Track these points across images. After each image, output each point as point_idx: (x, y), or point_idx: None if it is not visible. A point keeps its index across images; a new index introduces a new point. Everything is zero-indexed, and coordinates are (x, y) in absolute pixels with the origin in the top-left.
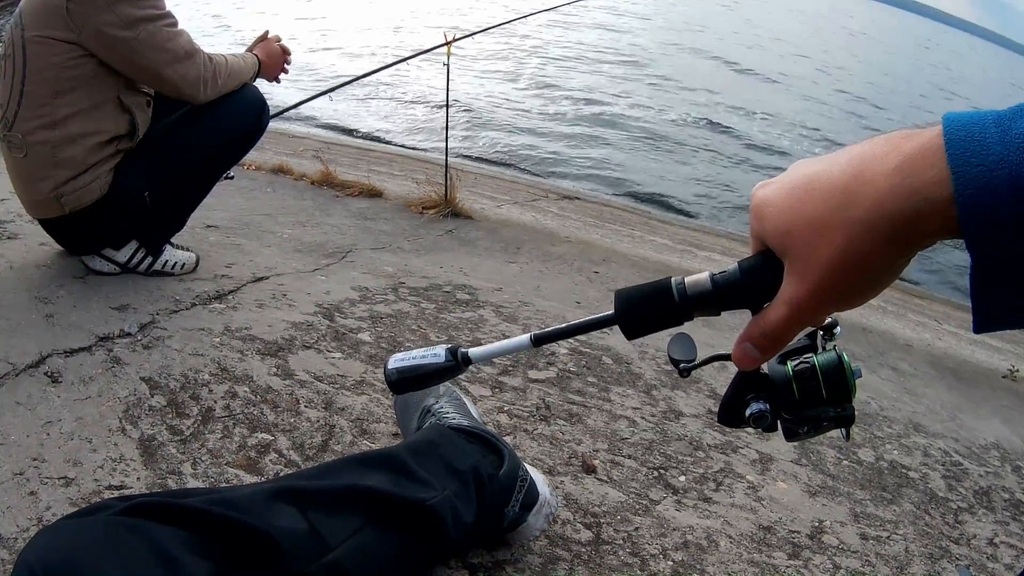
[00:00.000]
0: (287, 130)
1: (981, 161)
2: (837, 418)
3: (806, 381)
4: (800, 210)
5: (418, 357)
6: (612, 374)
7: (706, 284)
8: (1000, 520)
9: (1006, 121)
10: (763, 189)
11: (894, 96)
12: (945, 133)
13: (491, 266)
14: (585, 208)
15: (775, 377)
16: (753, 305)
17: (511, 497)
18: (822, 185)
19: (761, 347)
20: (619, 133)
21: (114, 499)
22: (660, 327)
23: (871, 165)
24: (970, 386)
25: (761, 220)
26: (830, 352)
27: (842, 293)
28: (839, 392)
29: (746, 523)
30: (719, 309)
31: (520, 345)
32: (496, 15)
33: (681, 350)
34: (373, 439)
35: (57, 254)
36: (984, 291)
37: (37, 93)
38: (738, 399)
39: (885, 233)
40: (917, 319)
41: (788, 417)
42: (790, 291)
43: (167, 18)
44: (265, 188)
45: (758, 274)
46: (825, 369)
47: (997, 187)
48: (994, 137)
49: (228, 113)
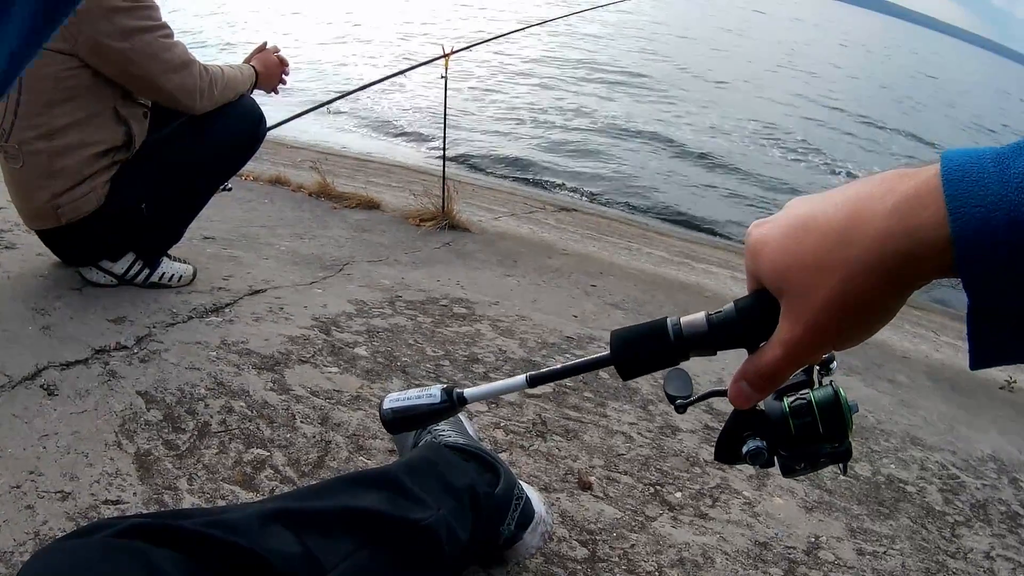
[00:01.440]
0: (284, 140)
1: (979, 201)
2: (834, 454)
3: (802, 418)
4: (796, 250)
5: (413, 397)
6: (609, 389)
7: (702, 324)
8: (997, 533)
9: (1005, 159)
10: (759, 228)
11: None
12: (943, 173)
13: (488, 279)
14: (582, 220)
15: (771, 414)
16: (749, 344)
17: (507, 515)
18: (818, 225)
19: (757, 386)
20: (617, 144)
21: (111, 519)
22: (656, 367)
23: (868, 205)
24: (967, 398)
25: (757, 259)
26: (826, 388)
27: (837, 333)
28: (836, 428)
29: (742, 539)
30: (715, 349)
31: (516, 386)
32: (499, 26)
33: (677, 386)
34: (369, 455)
35: (54, 265)
36: (981, 330)
37: (33, 103)
38: (734, 436)
39: (882, 273)
40: (914, 330)
41: (785, 454)
42: (786, 331)
43: (163, 29)
44: (263, 199)
45: (754, 314)
46: (821, 405)
47: (995, 228)
48: (993, 176)
49: (225, 124)
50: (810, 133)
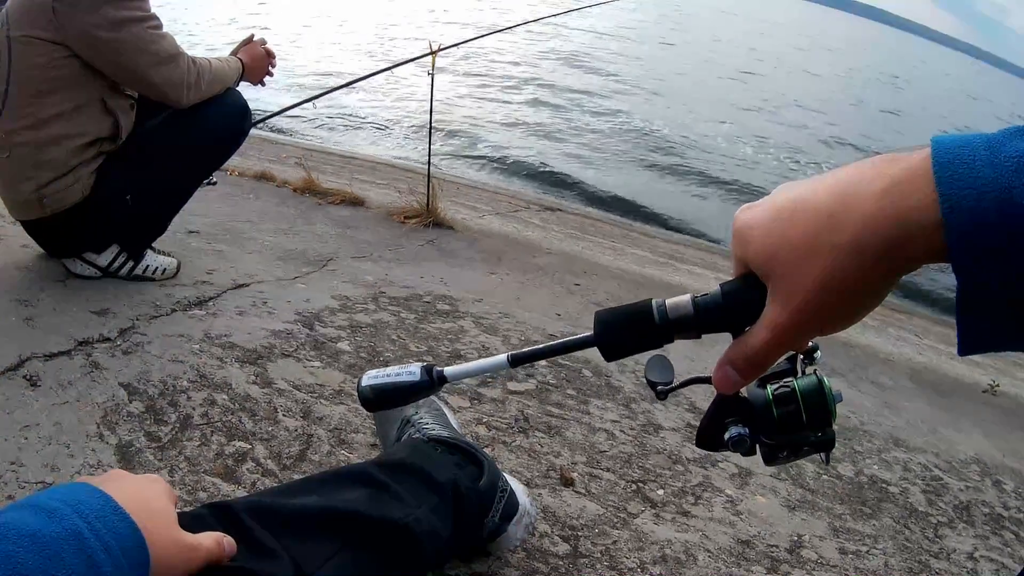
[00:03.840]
0: (270, 136)
1: (969, 184)
2: (817, 443)
3: (786, 406)
4: (785, 234)
5: (393, 375)
6: (591, 387)
7: (687, 307)
8: (980, 534)
9: (996, 144)
10: (746, 212)
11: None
12: (933, 156)
13: (472, 277)
14: (567, 220)
15: (754, 401)
16: (735, 329)
17: (491, 507)
18: (807, 208)
19: (742, 371)
20: (603, 145)
21: None
22: (639, 350)
23: (857, 189)
24: (951, 400)
25: (744, 243)
26: (810, 376)
27: (825, 317)
28: (819, 417)
29: (725, 537)
30: (700, 332)
31: (497, 365)
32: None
33: (659, 372)
34: (351, 449)
35: (38, 256)
36: (970, 315)
37: (21, 93)
38: (717, 423)
39: (871, 256)
40: (898, 333)
41: (767, 441)
42: (773, 316)
43: (151, 20)
44: (248, 194)
45: (740, 298)
46: (805, 393)
47: (985, 211)
48: (983, 160)
49: (211, 117)
50: (789, 137)
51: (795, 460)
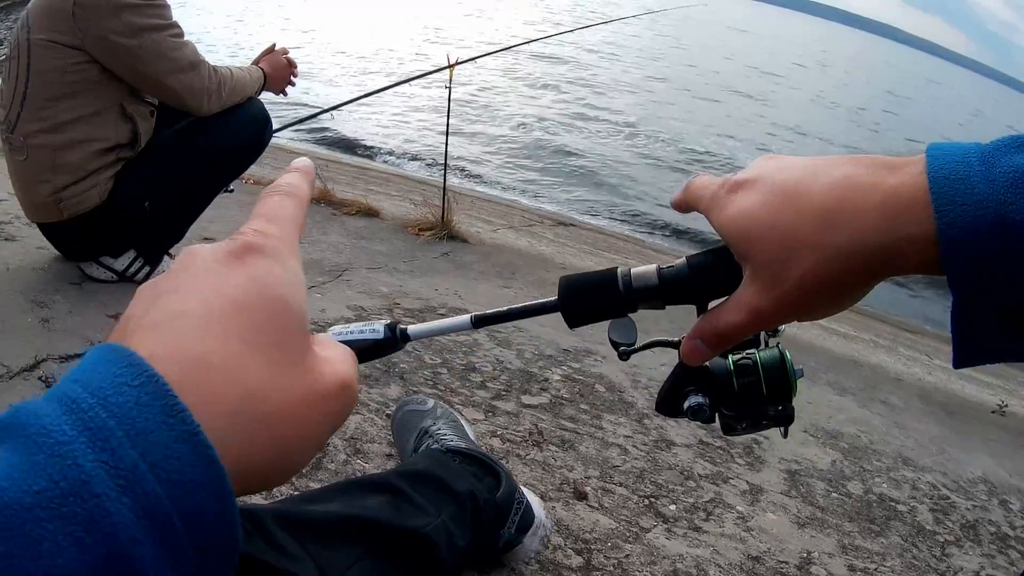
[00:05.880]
0: (288, 146)
1: (965, 200)
2: (777, 416)
3: (747, 377)
4: (774, 220)
5: (356, 331)
6: (605, 402)
7: (652, 277)
8: (987, 553)
9: (990, 157)
10: (731, 187)
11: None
12: (929, 171)
13: (486, 290)
14: (580, 235)
15: (715, 371)
16: (699, 301)
17: (507, 519)
18: (801, 200)
19: (712, 345)
20: (618, 159)
21: None
22: (603, 317)
23: (857, 194)
24: (959, 420)
25: (723, 215)
26: (773, 349)
27: (807, 309)
28: (780, 390)
29: (735, 553)
30: (664, 303)
31: (460, 325)
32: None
33: (622, 333)
34: (367, 459)
35: (54, 258)
36: (965, 328)
37: (39, 96)
38: (677, 390)
39: (863, 263)
40: (908, 353)
41: (727, 412)
42: (753, 298)
43: (173, 28)
44: None
45: (708, 273)
46: (766, 366)
47: (980, 227)
48: (979, 175)
49: (231, 126)
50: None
51: (754, 432)
